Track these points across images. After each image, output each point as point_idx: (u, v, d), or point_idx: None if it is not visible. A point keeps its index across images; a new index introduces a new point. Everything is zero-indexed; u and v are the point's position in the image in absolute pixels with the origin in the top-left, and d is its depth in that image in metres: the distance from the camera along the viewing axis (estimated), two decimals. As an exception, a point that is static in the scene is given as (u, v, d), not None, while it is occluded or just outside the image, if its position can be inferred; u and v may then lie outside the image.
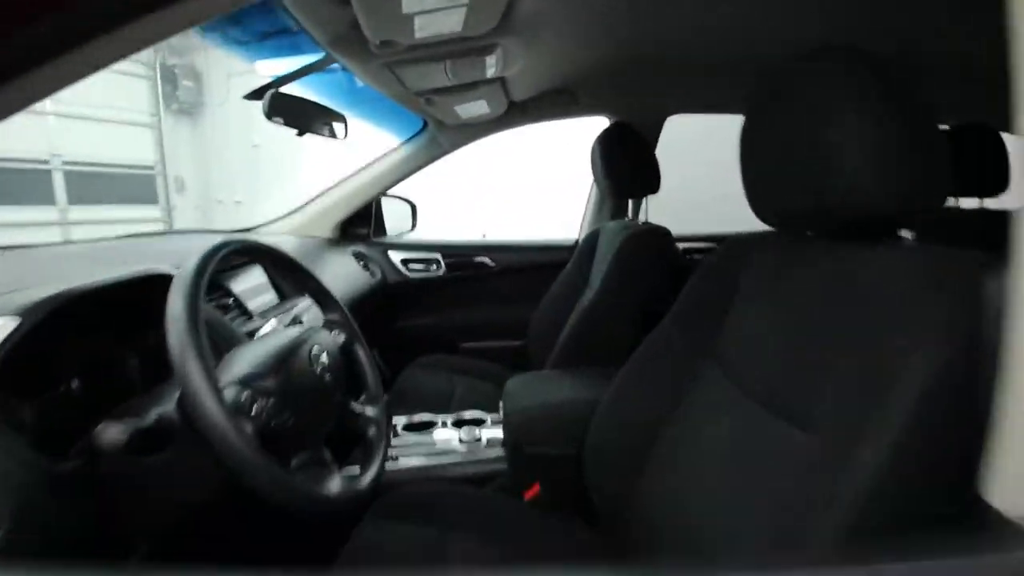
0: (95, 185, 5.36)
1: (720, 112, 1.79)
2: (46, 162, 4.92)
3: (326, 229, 1.90)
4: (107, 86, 5.05)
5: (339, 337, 0.89)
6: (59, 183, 5.06)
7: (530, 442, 1.05)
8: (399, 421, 1.27)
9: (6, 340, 0.58)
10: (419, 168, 1.90)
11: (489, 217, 4.20)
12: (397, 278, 2.03)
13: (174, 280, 0.60)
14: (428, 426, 1.26)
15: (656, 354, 0.84)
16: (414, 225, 2.15)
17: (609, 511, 0.85)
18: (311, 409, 0.71)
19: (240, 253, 0.72)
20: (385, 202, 2.06)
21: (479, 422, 1.26)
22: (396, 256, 2.04)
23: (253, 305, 1.12)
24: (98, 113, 5.23)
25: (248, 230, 1.85)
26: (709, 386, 0.72)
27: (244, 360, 0.68)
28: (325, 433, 0.74)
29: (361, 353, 0.94)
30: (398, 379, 1.63)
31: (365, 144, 2.05)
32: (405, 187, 1.97)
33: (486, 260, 2.07)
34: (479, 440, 1.18)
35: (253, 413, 0.62)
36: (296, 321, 0.98)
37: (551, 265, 1.92)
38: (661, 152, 1.63)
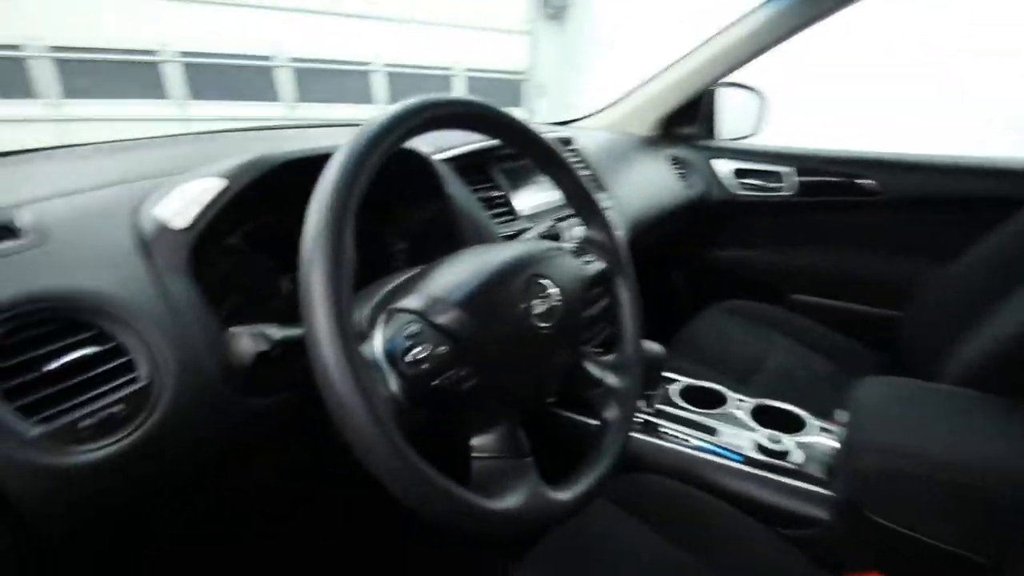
0: (478, 92, 6.33)
1: None
2: (448, 68, 6.00)
3: (645, 125, 1.57)
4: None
5: (590, 266, 0.61)
6: (460, 86, 6.12)
7: (885, 510, 0.60)
8: (675, 384, 0.95)
9: (213, 202, 0.52)
10: (769, 46, 1.32)
11: (873, 123, 3.01)
12: (722, 194, 1.58)
13: (349, 139, 0.42)
14: (714, 400, 0.90)
15: None
16: (760, 126, 1.59)
17: None
18: (509, 368, 0.47)
19: (450, 119, 0.49)
20: (721, 94, 1.57)
21: (795, 423, 0.83)
22: (726, 165, 1.57)
23: (521, 203, 0.94)
24: (471, 22, 5.96)
25: (563, 124, 1.69)
26: None
27: (431, 279, 0.48)
28: (528, 406, 0.50)
29: (623, 294, 0.64)
30: (690, 324, 1.27)
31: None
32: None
33: (870, 183, 1.39)
34: (786, 454, 0.76)
35: (408, 359, 0.41)
36: (551, 235, 0.73)
37: (987, 202, 1.14)
38: None
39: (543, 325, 0.50)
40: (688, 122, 1.59)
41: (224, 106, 5.26)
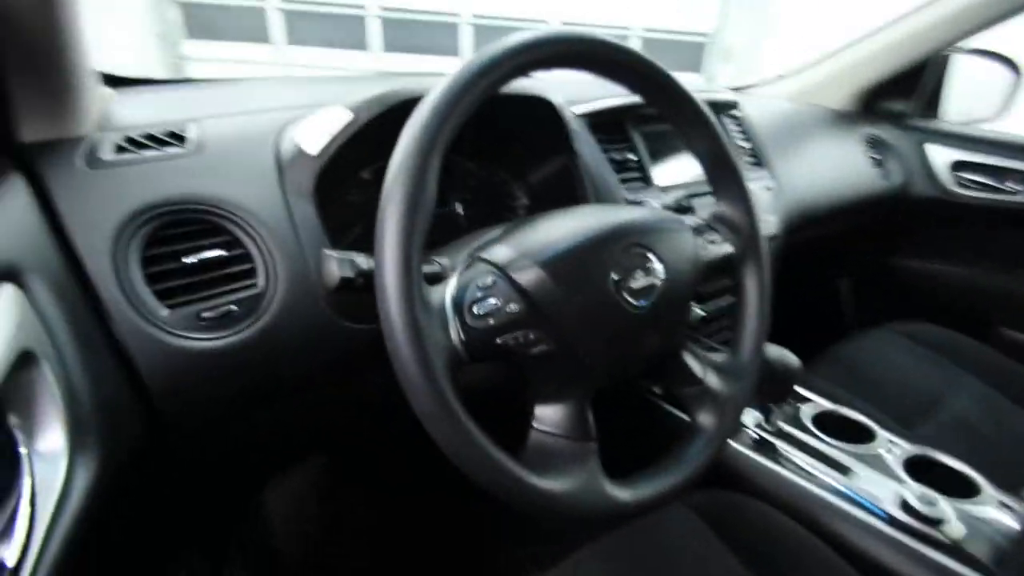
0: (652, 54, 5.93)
1: None
2: (626, 28, 5.69)
3: (840, 98, 1.32)
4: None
5: (715, 247, 0.52)
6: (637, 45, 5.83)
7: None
8: (809, 406, 0.80)
9: (340, 132, 0.54)
10: None
11: None
12: (930, 189, 1.27)
13: (447, 76, 0.39)
14: (858, 435, 0.75)
15: None
16: (1006, 109, 1.23)
17: None
18: (586, 341, 0.43)
19: (560, 58, 0.43)
20: (957, 63, 1.24)
21: (964, 488, 0.65)
22: (943, 154, 1.25)
23: (661, 171, 0.84)
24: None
25: (736, 89, 1.49)
26: None
27: (523, 233, 0.45)
28: (602, 386, 0.45)
29: (750, 285, 0.54)
30: (851, 341, 1.07)
31: None
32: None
33: None
34: (941, 522, 0.60)
35: (475, 311, 0.39)
36: (680, 208, 0.63)
37: None
38: None
39: (636, 303, 0.44)
40: (901, 96, 1.30)
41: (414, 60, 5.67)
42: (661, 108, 0.51)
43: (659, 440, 0.52)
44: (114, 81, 0.70)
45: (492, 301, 0.40)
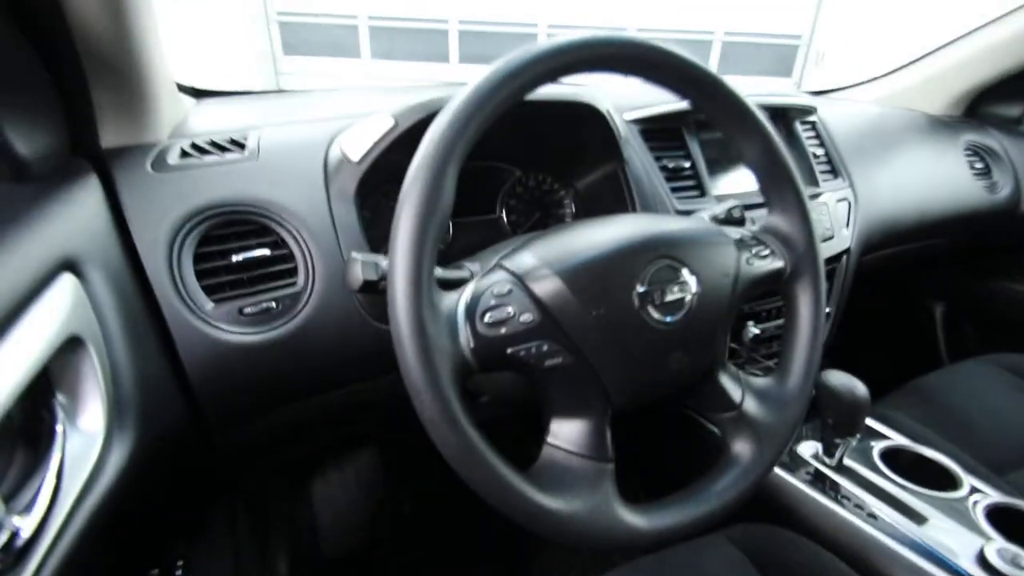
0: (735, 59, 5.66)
1: None
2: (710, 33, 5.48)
3: (938, 102, 1.19)
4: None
5: (764, 262, 0.48)
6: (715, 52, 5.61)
7: None
8: (881, 442, 0.72)
9: (382, 139, 0.56)
10: None
11: None
12: (1048, 205, 1.12)
13: (471, 82, 0.39)
14: (937, 479, 0.66)
15: None
16: None
17: None
18: (607, 357, 0.41)
19: (597, 61, 0.41)
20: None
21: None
22: (1065, 165, 1.10)
23: (719, 180, 0.80)
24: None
25: (818, 93, 1.39)
26: None
27: (547, 241, 0.43)
28: (624, 407, 0.43)
29: (802, 305, 0.49)
30: (940, 372, 0.95)
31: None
32: None
33: None
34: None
35: (487, 319, 0.38)
36: (732, 219, 0.59)
37: None
38: None
39: (663, 318, 0.41)
40: (1015, 100, 1.15)
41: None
42: (708, 113, 0.48)
43: (699, 460, 0.49)
44: (198, 93, 0.78)
45: (507, 310, 0.39)
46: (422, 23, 5.64)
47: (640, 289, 0.41)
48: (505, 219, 0.77)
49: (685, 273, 0.43)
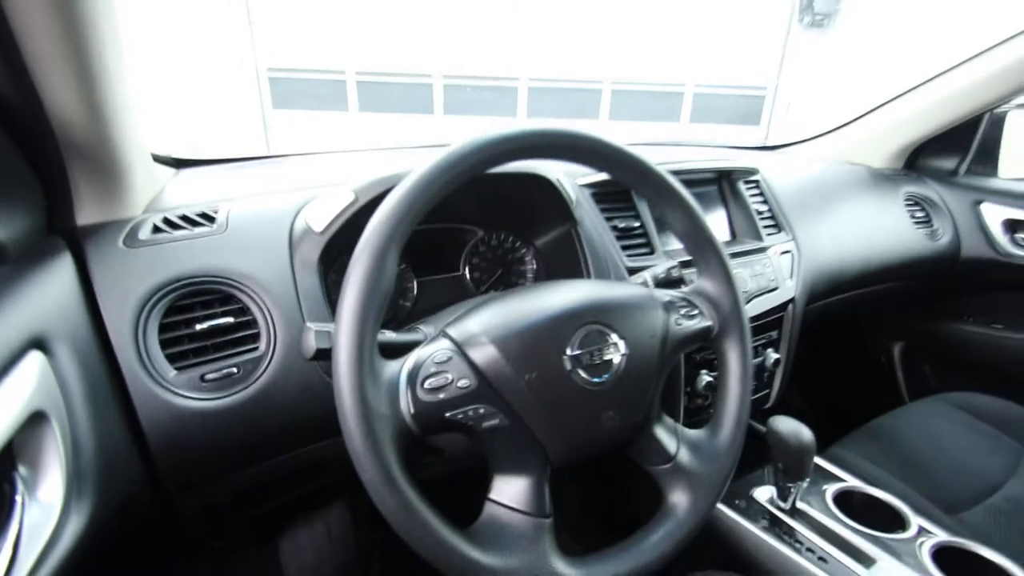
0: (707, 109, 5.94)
1: None
2: (679, 85, 5.79)
3: (879, 156, 1.28)
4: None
5: (692, 322, 0.52)
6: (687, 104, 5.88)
7: None
8: (833, 484, 0.75)
9: (342, 212, 0.60)
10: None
11: None
12: (986, 251, 1.19)
13: (412, 172, 0.43)
14: (888, 521, 0.69)
15: None
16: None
17: None
18: (541, 418, 0.44)
19: (522, 151, 0.46)
20: (1017, 119, 1.17)
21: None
22: (994, 213, 1.17)
23: (666, 238, 0.85)
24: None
25: (770, 148, 1.48)
26: None
27: (487, 309, 0.47)
28: (560, 464, 0.45)
29: (730, 361, 0.53)
30: (894, 414, 0.99)
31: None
32: None
33: None
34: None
35: (427, 385, 0.41)
36: (669, 280, 0.63)
37: None
38: None
39: (592, 379, 0.45)
40: (950, 153, 1.24)
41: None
42: (638, 191, 0.53)
43: (647, 508, 0.51)
44: (178, 163, 0.82)
45: (446, 376, 0.42)
46: (408, 77, 5.89)
47: (570, 353, 0.45)
48: (468, 277, 0.81)
49: (614, 337, 0.47)
